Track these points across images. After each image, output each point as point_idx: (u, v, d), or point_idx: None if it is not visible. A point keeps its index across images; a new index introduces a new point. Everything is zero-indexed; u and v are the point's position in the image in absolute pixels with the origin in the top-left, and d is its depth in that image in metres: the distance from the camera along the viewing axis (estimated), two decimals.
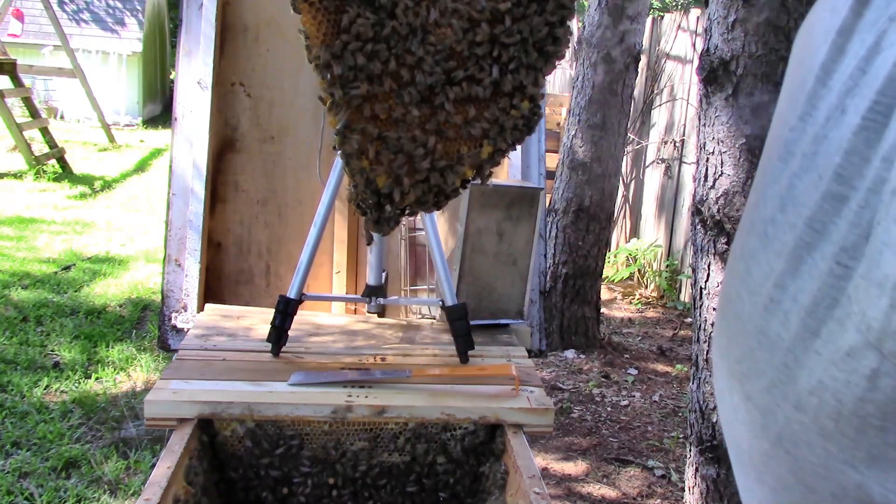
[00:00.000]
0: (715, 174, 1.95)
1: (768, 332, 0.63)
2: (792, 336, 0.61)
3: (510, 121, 1.09)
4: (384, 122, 1.07)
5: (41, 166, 7.49)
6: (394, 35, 1.04)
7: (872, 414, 0.54)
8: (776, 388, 0.63)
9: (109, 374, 3.22)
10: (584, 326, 4.12)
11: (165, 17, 14.49)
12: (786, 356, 0.61)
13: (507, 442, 1.27)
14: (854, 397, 0.55)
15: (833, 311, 0.57)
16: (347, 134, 1.06)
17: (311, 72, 2.09)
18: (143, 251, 5.28)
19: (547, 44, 1.07)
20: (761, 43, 1.85)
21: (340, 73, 1.04)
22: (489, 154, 1.11)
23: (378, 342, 1.65)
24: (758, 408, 0.65)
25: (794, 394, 0.60)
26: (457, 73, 1.06)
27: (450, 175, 1.10)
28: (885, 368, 0.52)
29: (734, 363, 0.69)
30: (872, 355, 0.53)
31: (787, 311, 0.61)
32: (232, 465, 1.29)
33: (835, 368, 0.56)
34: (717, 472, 2.00)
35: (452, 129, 1.08)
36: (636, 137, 5.68)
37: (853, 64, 0.59)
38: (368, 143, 1.07)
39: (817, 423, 0.59)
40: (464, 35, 1.05)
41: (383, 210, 1.12)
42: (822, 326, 0.58)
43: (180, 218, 1.87)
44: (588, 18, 3.98)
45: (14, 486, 2.34)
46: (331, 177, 1.53)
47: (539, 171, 2.08)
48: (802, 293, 0.60)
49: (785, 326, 0.61)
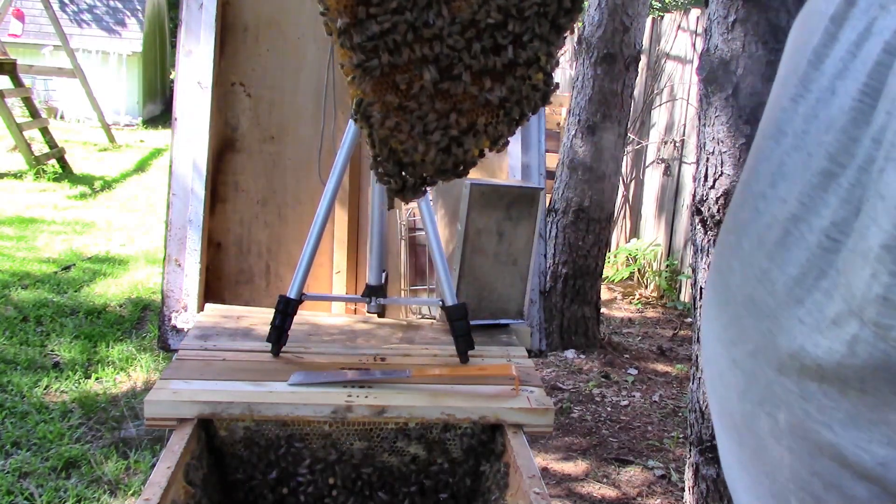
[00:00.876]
0: (715, 174, 1.95)
1: (756, 300, 0.66)
2: (777, 303, 0.63)
3: (525, 91, 1.13)
4: (404, 92, 1.09)
5: (41, 166, 7.50)
6: (413, 5, 1.06)
7: (851, 377, 0.57)
8: (760, 352, 0.65)
9: (109, 374, 3.22)
10: (584, 326, 4.12)
11: (165, 17, 14.49)
12: (771, 323, 0.64)
13: (507, 442, 1.27)
14: (833, 363, 0.57)
15: (820, 281, 0.59)
16: (368, 104, 1.08)
17: (311, 72, 2.10)
18: (143, 251, 5.28)
19: (560, 16, 1.09)
20: (761, 43, 1.85)
21: (361, 41, 1.06)
22: (505, 124, 1.14)
23: (378, 342, 1.65)
24: (743, 372, 0.68)
25: (776, 358, 0.63)
26: (474, 45, 1.09)
27: (468, 145, 1.13)
28: (864, 335, 0.55)
29: (722, 330, 0.71)
30: (854, 323, 0.56)
31: (775, 280, 0.64)
32: (232, 465, 1.29)
33: (819, 336, 0.58)
34: (717, 472, 2.00)
35: (470, 101, 1.11)
36: (636, 137, 5.68)
37: (844, 48, 0.61)
38: (389, 113, 1.09)
39: (799, 386, 0.61)
40: (479, 7, 1.07)
41: (405, 179, 1.15)
42: (807, 296, 0.60)
43: (180, 218, 1.87)
44: (588, 18, 3.98)
45: (14, 486, 2.34)
46: (331, 177, 1.53)
47: (539, 171, 2.08)
48: (790, 264, 0.62)
49: (772, 294, 0.64)
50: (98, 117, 10.04)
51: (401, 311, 2.02)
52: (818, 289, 0.59)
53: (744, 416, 0.69)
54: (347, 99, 2.06)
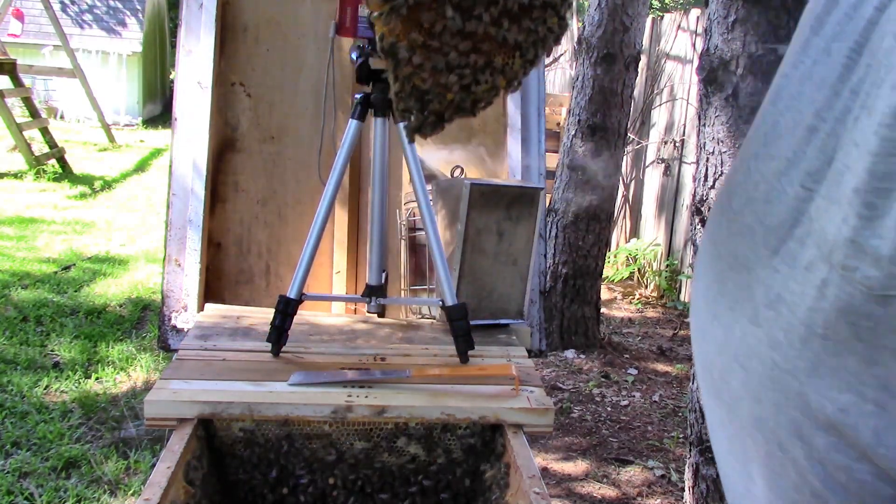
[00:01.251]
0: (715, 174, 1.95)
1: (738, 254, 0.68)
2: (756, 255, 0.65)
3: (541, 32, 1.20)
4: (428, 31, 1.15)
5: (41, 166, 7.49)
6: None
7: (817, 323, 0.58)
8: (738, 304, 0.67)
9: (109, 374, 3.22)
10: (584, 326, 4.12)
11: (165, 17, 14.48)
12: (748, 274, 0.65)
13: (507, 442, 1.27)
14: (805, 307, 0.59)
15: (794, 230, 0.61)
16: (395, 42, 1.14)
17: (311, 72, 2.10)
18: (143, 251, 5.28)
19: None
20: (761, 43, 1.85)
21: None
22: (521, 65, 1.22)
23: (378, 342, 1.65)
24: (721, 326, 0.70)
25: (751, 308, 0.65)
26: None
27: (487, 84, 1.20)
28: (832, 278, 0.56)
29: (706, 288, 0.74)
30: (824, 267, 0.57)
31: (755, 232, 0.66)
32: (232, 465, 1.29)
33: (793, 282, 0.60)
34: (717, 472, 2.00)
35: (489, 41, 1.17)
36: (636, 137, 5.68)
37: (843, 11, 0.63)
38: (413, 51, 1.15)
39: (769, 335, 0.62)
40: None
41: (425, 117, 1.20)
42: (781, 245, 0.62)
43: (180, 218, 1.87)
44: (588, 18, 3.98)
45: (14, 486, 2.34)
46: (331, 177, 1.53)
47: (539, 171, 2.08)
48: (770, 216, 0.64)
49: (752, 248, 0.66)
50: (98, 117, 10.03)
51: (401, 311, 2.02)
52: (792, 237, 0.61)
53: (721, 372, 0.70)
54: (347, 99, 2.06)
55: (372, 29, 1.22)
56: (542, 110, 2.16)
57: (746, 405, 0.66)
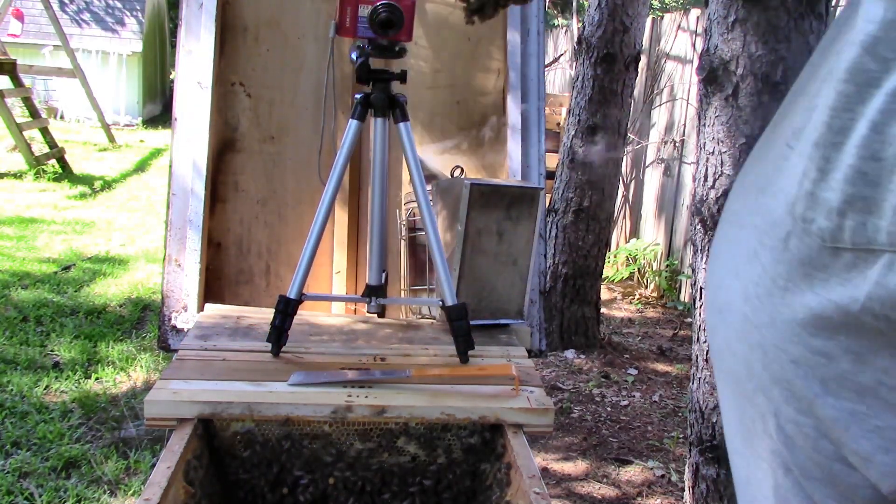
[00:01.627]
0: (715, 174, 1.95)
1: (735, 211, 0.71)
2: (745, 211, 0.68)
3: None
4: None
5: (41, 166, 7.49)
6: None
7: (780, 275, 0.60)
8: (726, 261, 0.70)
9: (109, 374, 3.22)
10: (584, 326, 4.12)
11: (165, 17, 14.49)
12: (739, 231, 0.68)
13: (507, 442, 1.27)
14: (773, 260, 0.61)
15: (770, 186, 0.63)
16: None
17: (311, 72, 2.10)
18: (143, 251, 5.28)
19: None
20: (761, 43, 1.85)
21: None
22: None
23: (378, 342, 1.65)
24: (713, 286, 0.72)
25: (732, 264, 0.67)
26: None
27: None
28: (794, 230, 0.58)
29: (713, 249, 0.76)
30: (788, 220, 0.59)
31: (747, 193, 0.68)
32: (232, 465, 1.29)
33: (766, 236, 0.62)
34: (717, 472, 2.00)
35: None
36: (636, 137, 5.68)
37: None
38: None
39: (743, 288, 0.65)
40: None
41: None
42: (758, 200, 0.65)
43: (180, 218, 1.87)
44: (588, 18, 3.98)
45: (14, 486, 2.34)
46: (331, 177, 1.53)
47: (539, 171, 2.08)
48: (759, 176, 0.67)
49: (744, 206, 0.68)
50: (98, 117, 10.03)
51: (401, 311, 2.02)
52: (767, 192, 0.63)
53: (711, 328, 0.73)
54: (347, 99, 2.06)
55: None
56: (542, 110, 2.16)
57: (726, 357, 0.69)
